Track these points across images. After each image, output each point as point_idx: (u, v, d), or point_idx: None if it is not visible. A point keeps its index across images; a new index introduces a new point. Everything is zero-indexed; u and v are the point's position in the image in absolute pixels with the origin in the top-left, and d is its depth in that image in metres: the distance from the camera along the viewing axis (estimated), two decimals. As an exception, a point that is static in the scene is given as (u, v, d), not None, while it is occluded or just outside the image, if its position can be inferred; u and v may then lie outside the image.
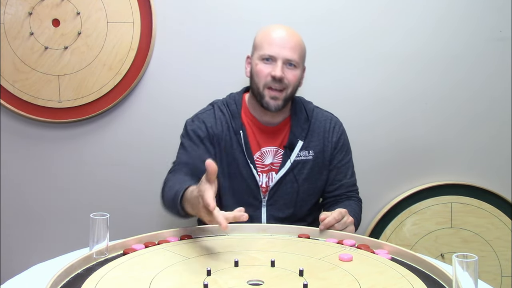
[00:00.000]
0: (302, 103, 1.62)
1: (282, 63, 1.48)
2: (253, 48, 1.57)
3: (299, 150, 1.56)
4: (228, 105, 1.59)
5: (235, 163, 1.55)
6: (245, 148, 1.54)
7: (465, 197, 2.00)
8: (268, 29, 1.54)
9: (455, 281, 0.90)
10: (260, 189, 1.56)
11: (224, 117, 1.57)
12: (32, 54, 1.88)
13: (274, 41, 1.49)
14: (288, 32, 1.52)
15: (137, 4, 1.88)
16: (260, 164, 1.57)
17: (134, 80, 1.92)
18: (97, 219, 1.10)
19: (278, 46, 1.49)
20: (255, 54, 1.54)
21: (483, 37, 1.98)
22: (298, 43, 1.52)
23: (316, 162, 1.58)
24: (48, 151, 1.98)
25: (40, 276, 1.05)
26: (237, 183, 1.55)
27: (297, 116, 1.58)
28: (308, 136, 1.58)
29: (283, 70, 1.48)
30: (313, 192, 1.59)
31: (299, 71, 1.53)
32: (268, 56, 1.49)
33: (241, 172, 1.55)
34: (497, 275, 2.02)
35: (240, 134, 1.54)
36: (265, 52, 1.49)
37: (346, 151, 1.63)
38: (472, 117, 2.02)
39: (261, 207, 1.56)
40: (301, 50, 1.53)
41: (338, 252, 1.16)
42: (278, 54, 1.48)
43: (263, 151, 1.57)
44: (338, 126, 1.63)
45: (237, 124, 1.56)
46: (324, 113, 1.64)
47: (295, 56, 1.50)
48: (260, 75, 1.50)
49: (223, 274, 1.02)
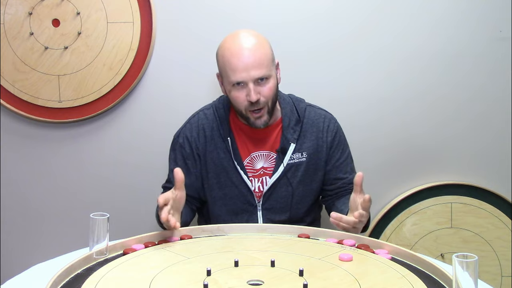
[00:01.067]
0: (293, 103, 1.59)
1: (253, 84, 1.42)
2: (219, 69, 1.51)
3: (291, 153, 1.53)
4: (216, 110, 1.58)
5: (224, 171, 1.53)
6: (234, 155, 1.52)
7: (465, 197, 2.00)
8: (227, 50, 1.45)
9: (455, 281, 0.90)
10: (253, 194, 1.54)
11: (210, 125, 1.56)
12: (32, 54, 1.88)
13: (238, 66, 1.41)
14: (248, 46, 1.42)
15: (137, 4, 1.88)
16: (250, 169, 1.55)
17: (134, 80, 1.92)
18: (97, 219, 1.10)
19: (243, 70, 1.41)
20: (224, 80, 1.49)
21: (483, 37, 1.98)
22: (262, 55, 1.43)
23: (310, 164, 1.55)
24: (48, 151, 1.98)
25: (40, 276, 1.06)
26: (229, 191, 1.54)
27: (288, 117, 1.55)
28: (300, 138, 1.55)
29: (257, 90, 1.43)
30: (309, 194, 1.57)
31: (273, 80, 1.46)
32: (237, 82, 1.43)
33: (231, 179, 1.53)
34: (497, 275, 2.02)
35: (228, 140, 1.53)
36: (233, 79, 1.43)
37: (343, 148, 1.60)
38: (472, 117, 2.02)
39: (257, 211, 1.55)
40: (267, 59, 1.44)
41: (338, 252, 1.16)
42: (246, 78, 1.42)
43: (253, 156, 1.55)
44: (332, 124, 1.59)
45: (225, 130, 1.54)
46: (317, 111, 1.60)
47: (263, 71, 1.42)
48: (237, 101, 1.46)
49: (223, 274, 1.02)
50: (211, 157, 1.55)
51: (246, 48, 1.42)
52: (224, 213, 1.56)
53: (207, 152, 1.55)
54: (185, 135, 1.58)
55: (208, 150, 1.55)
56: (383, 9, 1.95)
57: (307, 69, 1.65)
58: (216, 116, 1.57)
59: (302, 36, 1.94)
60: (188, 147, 1.56)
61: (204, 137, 1.56)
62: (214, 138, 1.55)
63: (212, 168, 1.54)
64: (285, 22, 1.93)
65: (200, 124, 1.57)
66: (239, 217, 1.55)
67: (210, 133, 1.56)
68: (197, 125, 1.57)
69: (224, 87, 1.51)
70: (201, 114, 1.60)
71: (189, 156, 1.56)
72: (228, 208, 1.55)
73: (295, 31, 1.94)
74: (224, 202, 1.55)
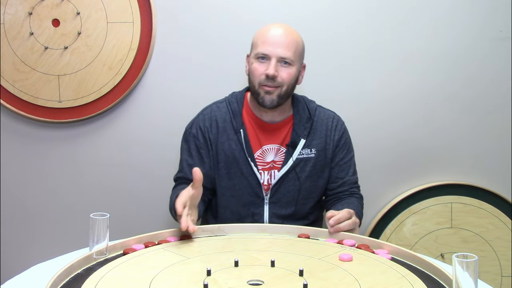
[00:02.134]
0: (305, 102, 1.64)
1: (276, 61, 1.49)
2: (251, 47, 1.58)
3: (301, 148, 1.57)
4: (230, 103, 1.61)
5: (235, 162, 1.56)
6: (245, 147, 1.55)
7: (465, 197, 2.00)
8: (265, 28, 1.55)
9: (455, 281, 0.90)
10: (262, 186, 1.57)
11: (223, 117, 1.59)
12: (32, 54, 1.88)
13: (268, 39, 1.50)
14: (284, 30, 1.52)
15: (137, 4, 1.88)
16: (261, 161, 1.58)
17: (134, 80, 1.92)
18: (97, 219, 1.10)
19: (272, 44, 1.49)
20: (252, 53, 1.55)
21: (484, 38, 1.98)
22: (294, 41, 1.52)
23: (318, 160, 1.59)
24: (48, 151, 1.98)
25: (40, 276, 1.06)
26: (238, 182, 1.57)
27: (299, 114, 1.60)
28: (310, 135, 1.59)
29: (277, 68, 1.49)
30: (315, 190, 1.61)
31: (295, 69, 1.53)
32: (262, 54, 1.50)
33: (241, 170, 1.56)
34: (497, 275, 2.02)
35: (241, 132, 1.55)
36: (259, 50, 1.50)
37: (348, 149, 1.64)
38: (472, 117, 2.02)
39: (263, 204, 1.57)
40: (296, 48, 1.52)
41: (338, 252, 1.16)
42: (272, 52, 1.49)
43: (265, 149, 1.58)
44: (340, 125, 1.64)
45: (238, 123, 1.57)
46: (326, 112, 1.65)
47: (289, 53, 1.50)
48: (255, 73, 1.52)
49: (223, 274, 1.03)
50: (222, 148, 1.57)
51: (283, 31, 1.52)
52: (231, 204, 1.58)
53: (218, 143, 1.58)
54: (198, 125, 1.61)
55: (220, 141, 1.58)
56: (384, 10, 1.95)
57: (311, 70, 1.65)
58: (229, 109, 1.60)
59: (302, 36, 1.93)
60: (202, 137, 1.59)
61: (216, 127, 1.59)
62: (226, 130, 1.58)
63: (223, 159, 1.57)
64: (288, 22, 1.92)
65: (213, 116, 1.60)
66: (246, 209, 1.57)
67: (222, 125, 1.59)
68: (210, 116, 1.61)
69: (249, 61, 1.56)
70: (214, 106, 1.63)
71: (202, 145, 1.59)
72: (236, 199, 1.58)
73: (296, 30, 1.93)
74: (232, 193, 1.57)
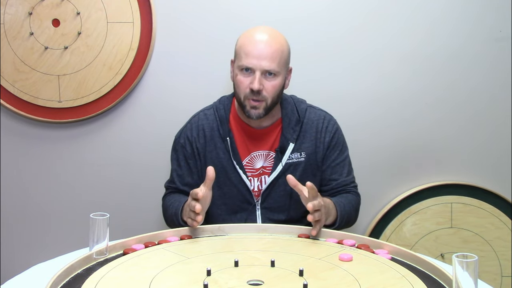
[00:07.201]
0: (294, 103, 1.60)
1: (261, 74, 1.44)
2: (234, 53, 1.53)
3: (290, 153, 1.54)
4: (217, 110, 1.59)
5: (224, 170, 1.54)
6: (233, 154, 1.53)
7: (465, 197, 2.00)
8: (248, 36, 1.49)
9: (455, 281, 0.90)
10: (252, 193, 1.55)
11: (210, 125, 1.57)
12: (32, 54, 1.88)
13: (252, 52, 1.44)
14: (268, 37, 1.46)
15: (137, 4, 1.88)
16: (250, 168, 1.56)
17: (134, 80, 1.92)
18: (97, 219, 1.10)
19: (256, 57, 1.44)
20: (236, 63, 1.51)
21: (482, 37, 1.98)
22: (278, 50, 1.46)
23: (309, 164, 1.56)
24: (48, 151, 1.98)
25: (40, 276, 1.06)
26: (228, 190, 1.55)
27: (288, 117, 1.56)
28: (299, 138, 1.55)
29: (262, 81, 1.45)
30: None
31: (280, 79, 1.48)
32: (246, 67, 1.46)
33: (230, 179, 1.54)
34: (497, 275, 2.02)
35: (228, 141, 1.54)
36: (243, 63, 1.45)
37: (341, 150, 1.60)
38: (472, 116, 2.02)
39: (256, 210, 1.56)
40: (281, 57, 1.47)
41: (338, 252, 1.16)
42: (256, 65, 1.44)
43: (253, 155, 1.56)
44: (331, 125, 1.59)
45: (225, 131, 1.55)
46: (317, 112, 1.60)
47: (274, 65, 1.45)
48: (240, 86, 1.48)
49: (223, 274, 1.03)
50: (210, 157, 1.56)
51: (265, 39, 1.46)
52: (223, 212, 1.57)
53: (206, 152, 1.56)
54: (186, 136, 1.60)
55: (208, 150, 1.56)
56: (380, 8, 1.95)
57: (304, 69, 1.66)
58: (216, 116, 1.58)
59: (300, 35, 1.93)
60: (189, 147, 1.58)
61: (203, 137, 1.57)
62: (214, 138, 1.56)
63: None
64: (283, 20, 1.93)
65: (200, 125, 1.59)
66: (238, 216, 1.56)
67: (209, 133, 1.57)
68: (197, 125, 1.59)
69: (233, 69, 1.53)
70: (201, 114, 1.61)
71: (190, 156, 1.58)
72: (227, 207, 1.57)
73: (294, 29, 1.93)
74: (224, 201, 1.56)
